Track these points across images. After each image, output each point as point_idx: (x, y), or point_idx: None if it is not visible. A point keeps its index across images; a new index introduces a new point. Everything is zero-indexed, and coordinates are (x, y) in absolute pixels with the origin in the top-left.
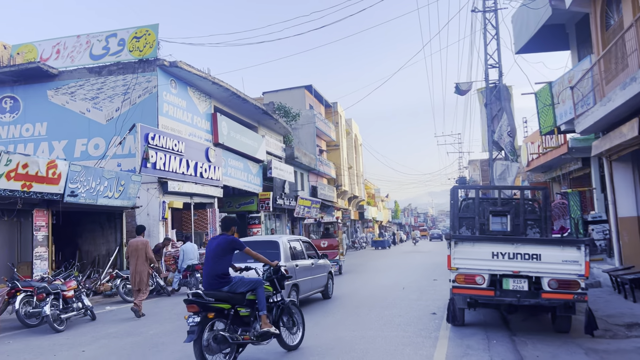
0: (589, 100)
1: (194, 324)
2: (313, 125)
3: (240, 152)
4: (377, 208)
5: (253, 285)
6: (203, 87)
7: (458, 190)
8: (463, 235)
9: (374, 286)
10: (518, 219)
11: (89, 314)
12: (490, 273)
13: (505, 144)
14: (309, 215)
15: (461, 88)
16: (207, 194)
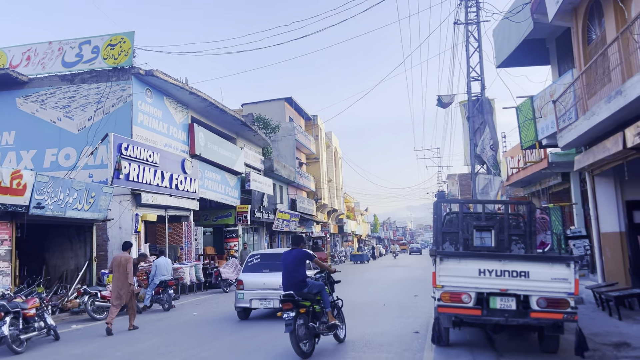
0: (570, 115)
1: (290, 319)
2: (293, 137)
3: (217, 164)
4: (357, 222)
5: (320, 287)
6: (180, 97)
7: (441, 204)
8: (449, 252)
9: (353, 302)
10: (502, 234)
11: (52, 333)
12: (477, 291)
13: (488, 158)
14: (288, 228)
15: (443, 100)
16: (182, 207)
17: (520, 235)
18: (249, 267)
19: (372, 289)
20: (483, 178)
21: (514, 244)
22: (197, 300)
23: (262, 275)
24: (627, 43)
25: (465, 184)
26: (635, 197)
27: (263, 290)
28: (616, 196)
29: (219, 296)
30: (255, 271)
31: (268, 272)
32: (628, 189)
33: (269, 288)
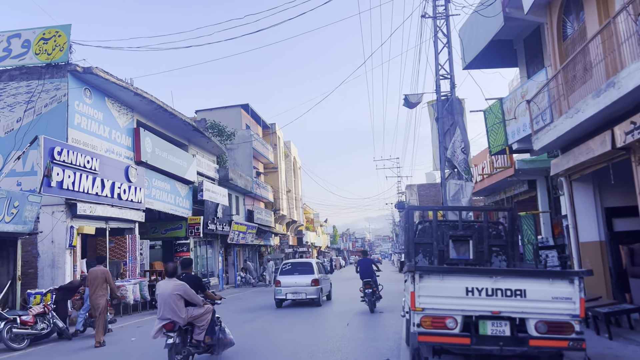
0: (545, 116)
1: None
2: (250, 145)
3: (167, 172)
4: (316, 233)
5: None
6: (124, 98)
7: (413, 212)
8: (430, 267)
9: (314, 322)
10: (482, 245)
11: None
12: (464, 314)
13: (459, 162)
14: (244, 241)
15: (410, 100)
16: (126, 218)
17: (502, 245)
18: (283, 271)
19: (333, 306)
20: (454, 184)
21: (494, 255)
22: (140, 322)
23: (293, 277)
24: (611, 35)
25: (424, 195)
26: (615, 203)
27: (294, 287)
28: (595, 203)
29: None
30: (288, 274)
31: (296, 275)
32: (607, 195)
33: (299, 285)
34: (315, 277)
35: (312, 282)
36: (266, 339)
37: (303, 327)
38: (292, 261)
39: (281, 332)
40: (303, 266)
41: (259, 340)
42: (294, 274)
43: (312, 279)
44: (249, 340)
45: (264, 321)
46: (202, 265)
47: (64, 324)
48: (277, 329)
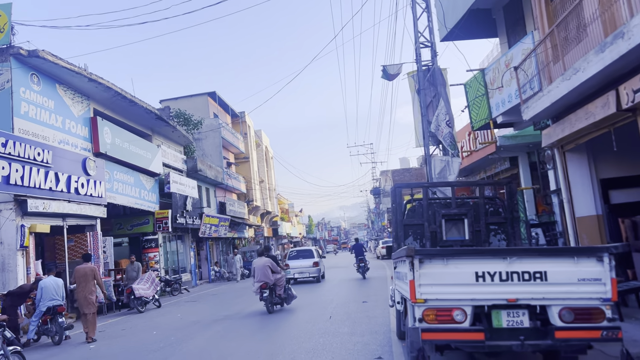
0: (533, 85)
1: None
2: (219, 135)
3: (129, 164)
4: (292, 223)
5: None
6: (77, 84)
7: (401, 190)
8: (433, 250)
9: (294, 316)
10: (478, 224)
11: None
12: (474, 304)
13: (444, 136)
14: (217, 234)
15: (389, 72)
16: (85, 214)
17: (500, 223)
18: (291, 257)
19: (312, 297)
20: (439, 160)
21: (492, 235)
22: (103, 326)
23: (298, 261)
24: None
25: (398, 180)
26: (611, 174)
27: (300, 269)
28: (590, 175)
29: (132, 318)
30: (295, 259)
31: (300, 259)
32: (603, 166)
33: (304, 267)
34: (315, 260)
35: (313, 264)
36: (240, 340)
37: (281, 324)
38: (297, 249)
39: (256, 331)
40: (305, 252)
41: (233, 341)
42: (299, 258)
43: (313, 261)
44: (219, 344)
45: (238, 320)
46: (173, 261)
47: (12, 334)
48: (253, 329)
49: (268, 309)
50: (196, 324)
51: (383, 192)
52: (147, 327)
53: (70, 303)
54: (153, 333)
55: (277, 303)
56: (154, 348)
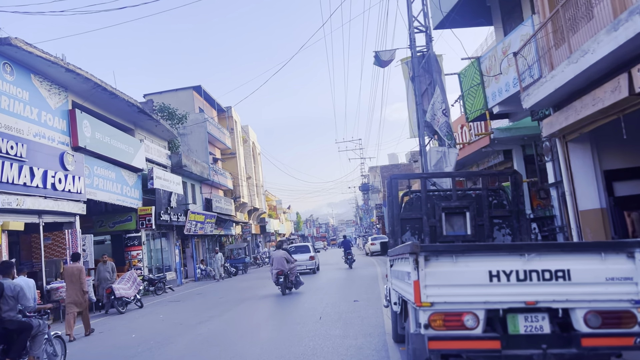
0: (533, 72)
1: None
2: (204, 130)
3: (111, 159)
4: (280, 220)
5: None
6: (54, 75)
7: (397, 181)
8: (441, 246)
9: (282, 316)
10: (481, 218)
11: None
12: (488, 307)
13: (440, 126)
14: (203, 231)
15: (382, 58)
16: (63, 211)
17: (505, 217)
18: (290, 252)
19: (300, 296)
20: (436, 151)
21: (496, 229)
22: (80, 328)
23: (297, 255)
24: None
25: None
26: (615, 165)
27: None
28: (594, 166)
29: (111, 320)
30: (294, 253)
31: (299, 253)
32: (606, 157)
33: (301, 260)
34: (312, 255)
35: (309, 258)
36: (224, 344)
37: (269, 325)
38: (295, 245)
39: (241, 334)
40: (303, 247)
41: (216, 345)
42: (297, 253)
43: (310, 255)
44: (201, 349)
45: (223, 322)
46: (157, 259)
47: None
48: (238, 331)
49: (283, 291)
50: (179, 325)
51: (372, 188)
52: (126, 329)
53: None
54: (132, 336)
55: (289, 287)
56: (131, 353)
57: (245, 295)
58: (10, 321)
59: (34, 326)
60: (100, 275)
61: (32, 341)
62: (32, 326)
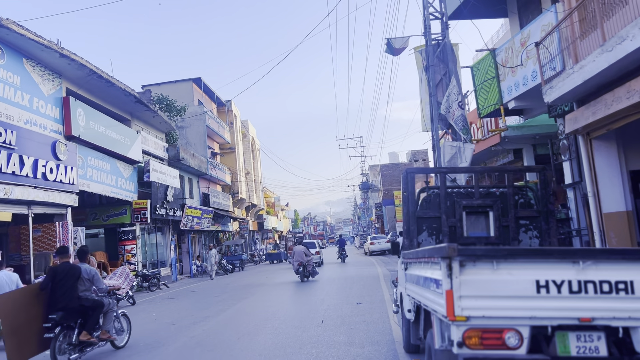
0: (554, 65)
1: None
2: (203, 123)
3: (106, 150)
4: (277, 217)
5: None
6: (48, 60)
7: (414, 176)
8: (479, 249)
9: (281, 318)
10: (506, 218)
11: None
12: (533, 324)
13: (455, 119)
14: (199, 227)
15: (394, 45)
16: (54, 202)
17: (532, 217)
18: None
19: (301, 296)
20: (450, 146)
21: (523, 231)
22: None
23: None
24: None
25: (387, 175)
26: None
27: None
28: (620, 166)
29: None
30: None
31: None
32: (632, 156)
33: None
34: (317, 250)
35: (316, 252)
36: (219, 349)
37: (267, 328)
38: (304, 241)
39: (238, 337)
40: (310, 244)
41: (210, 351)
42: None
43: (316, 250)
44: (193, 354)
45: (218, 323)
46: (152, 254)
47: None
48: (234, 334)
49: (302, 279)
50: (171, 326)
51: (372, 186)
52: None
53: None
54: None
55: (306, 275)
56: (117, 357)
57: (242, 294)
58: (86, 299)
59: (105, 304)
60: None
61: (104, 317)
62: (103, 304)
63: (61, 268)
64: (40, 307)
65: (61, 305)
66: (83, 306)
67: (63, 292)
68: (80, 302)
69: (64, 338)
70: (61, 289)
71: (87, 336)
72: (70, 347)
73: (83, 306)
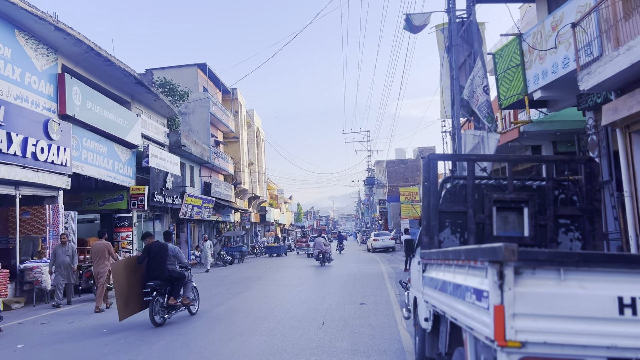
0: (590, 50)
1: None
2: (207, 110)
3: (103, 132)
4: (280, 210)
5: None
6: (42, 33)
7: (436, 163)
8: (540, 253)
9: (278, 317)
10: (544, 216)
11: None
12: (614, 356)
13: (480, 105)
14: (199, 216)
15: (414, 22)
16: (44, 184)
17: (574, 216)
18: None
19: (299, 292)
20: (472, 135)
21: (562, 231)
22: (49, 316)
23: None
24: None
25: (392, 171)
26: None
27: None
28: None
29: (89, 308)
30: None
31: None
32: None
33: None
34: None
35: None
36: (207, 350)
37: (262, 328)
38: (314, 235)
39: (229, 339)
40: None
41: (194, 354)
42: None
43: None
44: (178, 355)
45: (208, 320)
46: None
47: None
48: (222, 335)
49: (321, 263)
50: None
51: (377, 182)
52: (100, 320)
53: (20, 286)
54: (103, 331)
55: (324, 261)
56: (93, 355)
57: (239, 288)
58: (173, 271)
59: (186, 276)
60: (58, 260)
61: (184, 287)
62: (185, 276)
63: (154, 246)
64: (139, 276)
65: (155, 275)
66: (171, 276)
67: (156, 265)
68: (169, 273)
69: (157, 302)
70: (155, 263)
71: (174, 301)
72: (162, 309)
73: (171, 276)
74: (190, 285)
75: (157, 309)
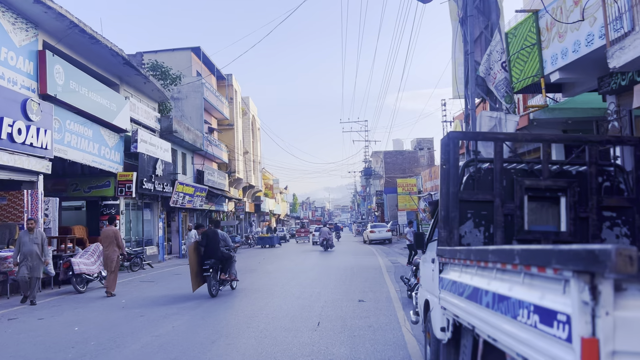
0: (620, 24)
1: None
2: (200, 96)
3: (88, 114)
4: (275, 200)
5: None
6: (21, 7)
7: (457, 142)
8: None
9: (269, 315)
10: (585, 207)
11: None
12: None
13: (497, 83)
14: (191, 205)
15: None
16: (21, 168)
17: (622, 208)
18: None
19: (293, 287)
20: (487, 117)
21: (607, 226)
22: (19, 311)
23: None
24: None
25: (390, 162)
26: None
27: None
28: None
29: (64, 301)
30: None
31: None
32: None
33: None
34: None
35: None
36: (186, 355)
37: (250, 328)
38: (317, 226)
39: (214, 340)
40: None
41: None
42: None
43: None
44: (157, 356)
45: (194, 318)
46: (137, 232)
47: None
48: (209, 335)
49: (325, 249)
50: (139, 318)
51: (374, 173)
52: (72, 317)
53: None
54: (74, 329)
55: (327, 247)
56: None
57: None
58: (223, 252)
59: (233, 256)
60: (25, 249)
61: (231, 265)
62: (232, 256)
63: (210, 231)
64: (199, 256)
65: (210, 254)
66: (222, 256)
67: (212, 248)
68: (221, 254)
69: (213, 277)
70: (211, 245)
71: (224, 276)
72: (216, 283)
73: (222, 256)
74: (234, 264)
75: (212, 283)
